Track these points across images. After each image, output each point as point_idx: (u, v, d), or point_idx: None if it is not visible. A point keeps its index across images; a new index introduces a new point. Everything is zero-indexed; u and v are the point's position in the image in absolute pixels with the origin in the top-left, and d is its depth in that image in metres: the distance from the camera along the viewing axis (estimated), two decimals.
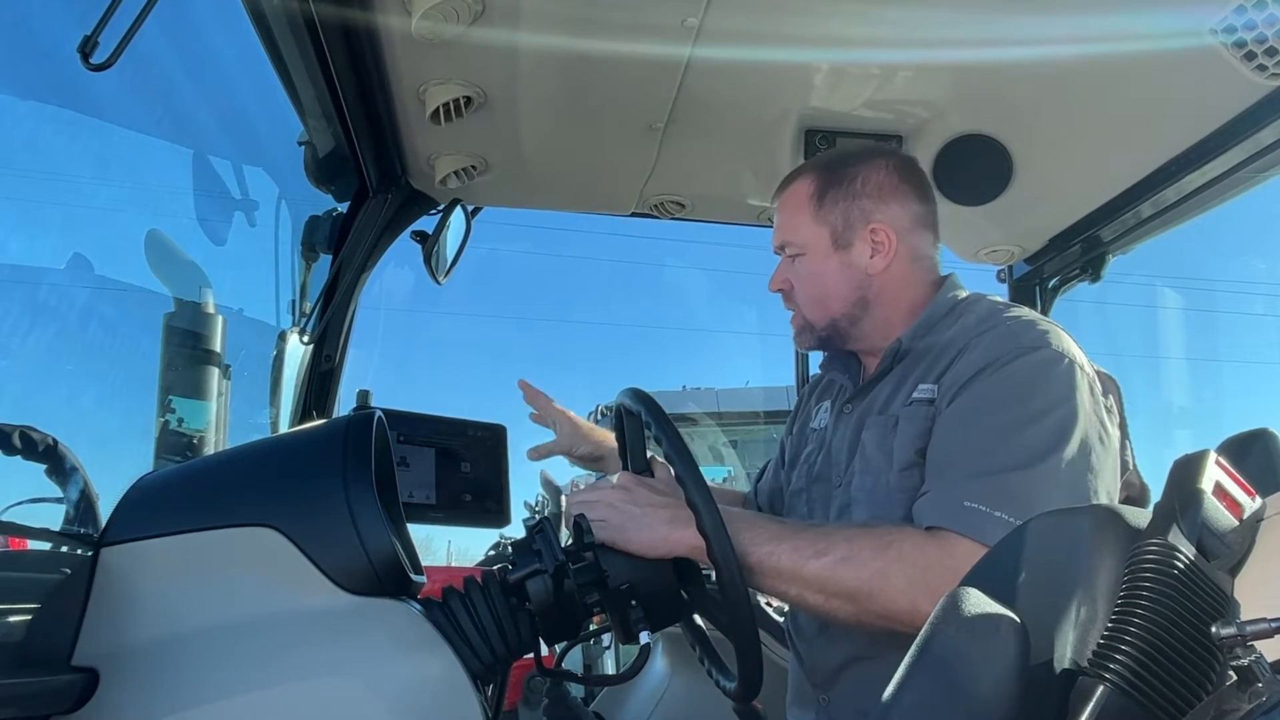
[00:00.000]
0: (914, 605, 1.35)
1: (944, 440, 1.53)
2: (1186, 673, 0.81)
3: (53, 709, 1.05)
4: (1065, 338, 1.58)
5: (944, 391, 1.57)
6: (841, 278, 1.74)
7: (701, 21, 1.80)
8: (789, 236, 1.79)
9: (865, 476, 1.65)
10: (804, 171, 1.81)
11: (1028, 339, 1.55)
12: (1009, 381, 1.51)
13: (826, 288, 1.76)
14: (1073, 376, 1.51)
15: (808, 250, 1.76)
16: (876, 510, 1.61)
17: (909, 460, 1.57)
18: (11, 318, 1.72)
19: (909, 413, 1.60)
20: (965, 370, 1.55)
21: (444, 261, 2.61)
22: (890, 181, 1.75)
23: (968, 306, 1.71)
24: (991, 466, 1.43)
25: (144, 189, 2.27)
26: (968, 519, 1.39)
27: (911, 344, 1.69)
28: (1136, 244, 2.65)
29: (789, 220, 1.79)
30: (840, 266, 1.74)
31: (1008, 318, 1.63)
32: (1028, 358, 1.52)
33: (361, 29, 1.81)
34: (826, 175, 1.77)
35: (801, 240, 1.77)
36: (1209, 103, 2.02)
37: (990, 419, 1.49)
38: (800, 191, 1.78)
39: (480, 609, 1.29)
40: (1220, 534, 0.90)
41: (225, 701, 1.09)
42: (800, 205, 1.77)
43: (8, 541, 1.32)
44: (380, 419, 1.34)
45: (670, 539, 1.36)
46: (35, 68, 1.63)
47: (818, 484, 1.80)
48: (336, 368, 2.50)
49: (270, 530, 1.16)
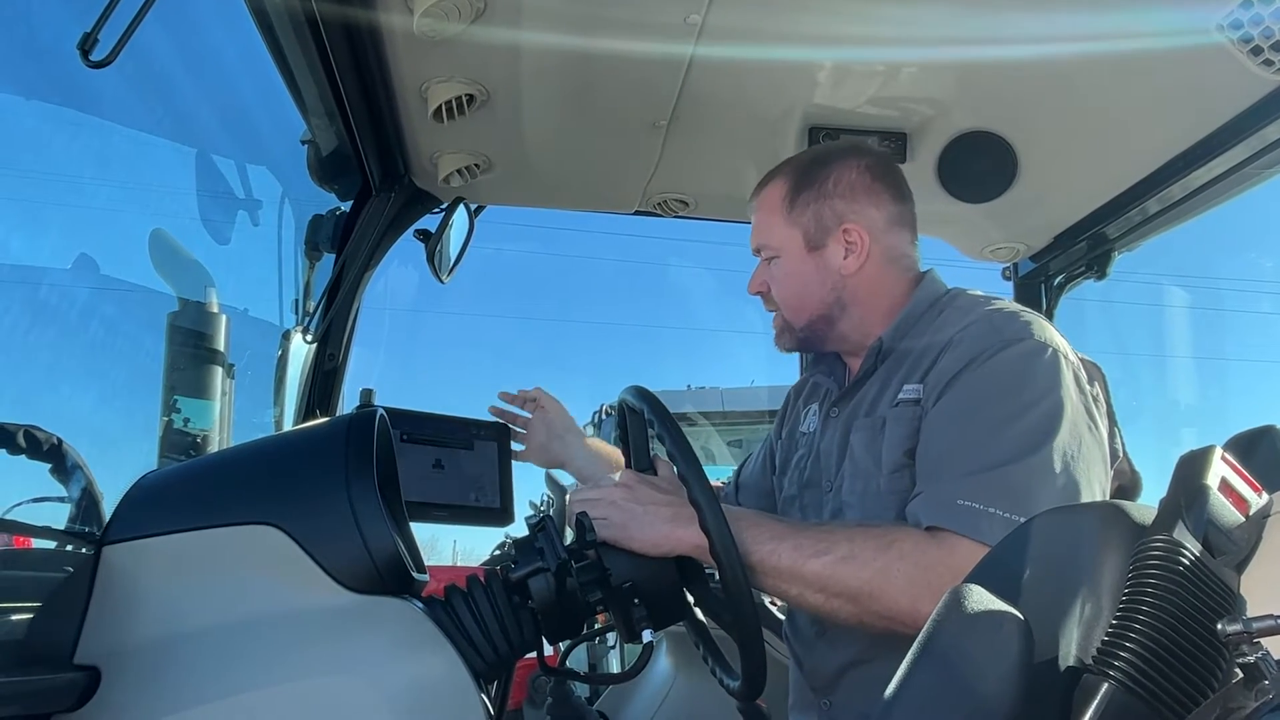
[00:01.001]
0: (915, 605, 1.34)
1: (933, 440, 1.53)
2: (1192, 670, 0.80)
3: (55, 707, 1.05)
4: (1048, 327, 1.58)
5: (929, 390, 1.56)
6: (816, 279, 1.75)
7: (704, 18, 1.80)
8: (764, 239, 1.80)
9: (855, 480, 1.65)
10: (778, 173, 1.82)
11: (1010, 331, 1.54)
12: (994, 376, 1.50)
13: (802, 289, 1.77)
14: (1057, 366, 1.50)
15: (782, 252, 1.77)
16: (868, 514, 1.60)
17: (898, 462, 1.57)
18: (17, 318, 1.72)
19: (896, 414, 1.60)
20: (950, 367, 1.54)
21: (447, 260, 2.60)
22: (863, 181, 1.74)
23: (948, 302, 1.70)
24: (983, 463, 1.43)
25: (147, 188, 2.27)
26: (964, 517, 1.39)
27: (893, 343, 1.69)
28: (1142, 241, 2.63)
29: (764, 222, 1.80)
30: (815, 268, 1.74)
31: (988, 310, 1.62)
32: (1011, 350, 1.51)
33: (363, 26, 1.81)
34: (799, 177, 1.77)
35: (776, 242, 1.78)
36: (1215, 99, 2.01)
37: (978, 415, 1.49)
38: (774, 194, 1.78)
39: (483, 607, 1.29)
40: (1226, 530, 0.89)
41: (227, 700, 1.08)
42: (774, 207, 1.77)
43: (11, 540, 1.32)
44: (383, 417, 1.34)
45: (673, 537, 1.36)
46: (36, 65, 1.63)
47: (809, 489, 1.79)
48: (340, 367, 2.50)
49: (272, 529, 1.16)
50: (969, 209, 2.46)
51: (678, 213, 2.74)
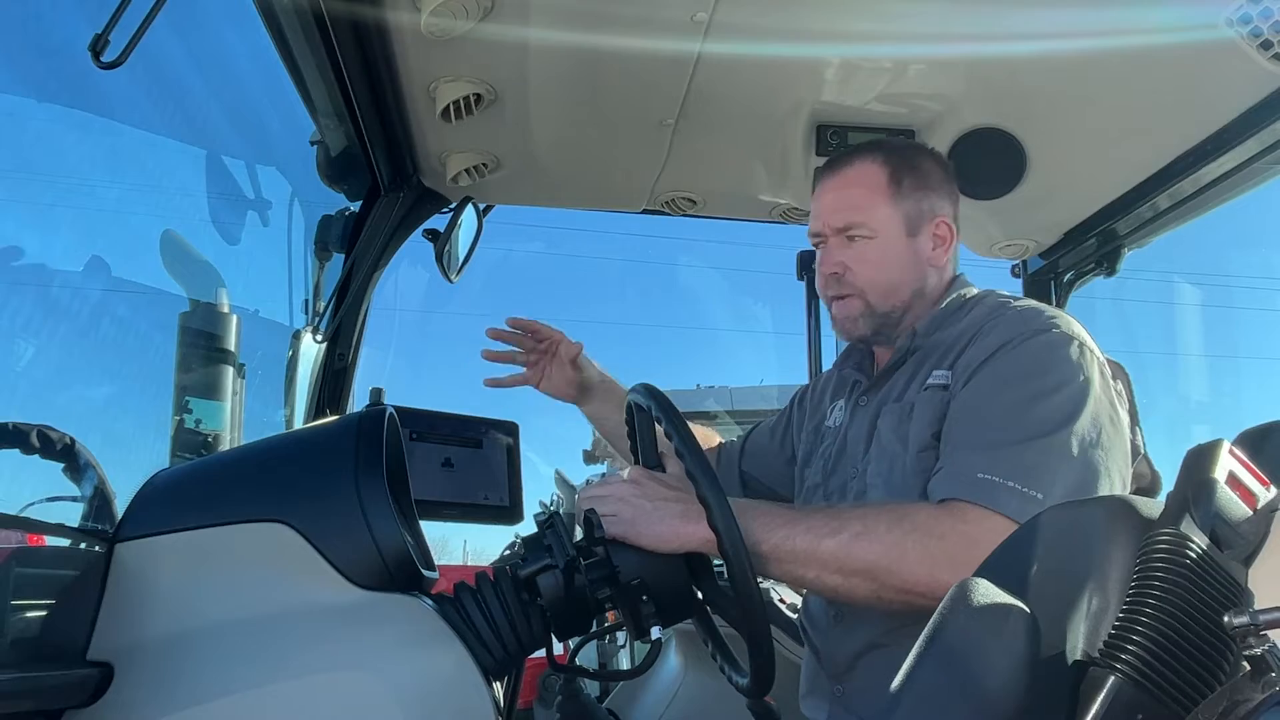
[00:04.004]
0: (933, 575, 1.34)
1: (957, 420, 1.55)
2: (1199, 663, 0.80)
3: (68, 702, 1.06)
4: (1075, 323, 1.61)
5: (958, 375, 1.59)
6: (910, 265, 1.74)
7: (711, 16, 1.80)
8: (861, 217, 1.73)
9: (881, 462, 1.66)
10: (868, 153, 1.77)
11: (1038, 322, 1.58)
12: (1021, 360, 1.53)
13: (898, 274, 1.74)
14: (1083, 357, 1.53)
15: (880, 234, 1.72)
16: (892, 493, 1.61)
17: (925, 443, 1.59)
18: (30, 319, 1.73)
19: (924, 398, 1.62)
20: (978, 354, 1.57)
21: (456, 260, 2.61)
22: (947, 178, 1.78)
23: (977, 301, 1.74)
24: (1004, 439, 1.45)
25: (158, 189, 2.28)
26: (980, 489, 1.40)
27: (924, 338, 1.71)
28: (1152, 238, 2.63)
29: (861, 201, 1.73)
30: (909, 254, 1.74)
31: (1017, 306, 1.66)
32: (1039, 338, 1.54)
33: (372, 27, 1.82)
34: (900, 161, 1.74)
35: (876, 224, 1.72)
36: (1225, 94, 2.00)
37: (1002, 395, 1.51)
38: (872, 173, 1.74)
39: (492, 604, 1.29)
40: (1234, 524, 0.89)
41: (238, 695, 1.09)
42: (876, 187, 1.73)
43: (25, 537, 1.33)
44: (392, 416, 1.35)
45: (682, 533, 1.35)
46: (48, 67, 1.64)
47: (834, 475, 1.80)
48: (350, 366, 2.51)
49: (283, 526, 1.17)
50: (977, 206, 2.46)
51: (685, 211, 2.74)
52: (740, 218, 2.85)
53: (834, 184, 1.77)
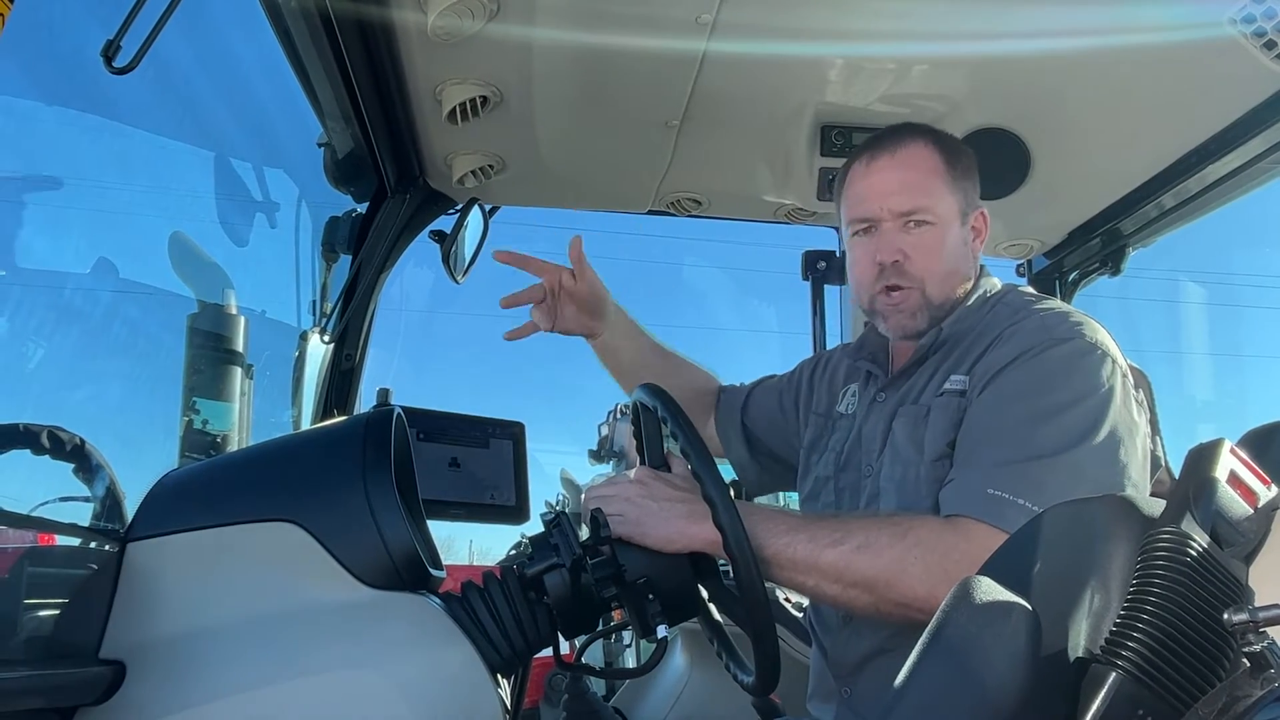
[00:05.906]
0: (932, 593, 1.32)
1: (972, 429, 1.52)
2: (1199, 659, 0.81)
3: (80, 700, 1.07)
4: (1099, 330, 1.56)
5: (975, 382, 1.55)
6: (964, 256, 1.69)
7: (715, 17, 1.80)
8: (927, 201, 1.63)
9: (895, 466, 1.64)
10: (918, 135, 1.68)
11: (1060, 330, 1.53)
12: (1039, 370, 1.49)
13: (959, 263, 1.68)
14: (1104, 368, 1.49)
15: (941, 221, 1.64)
16: (905, 500, 1.59)
17: (940, 451, 1.56)
18: (42, 321, 1.75)
19: (941, 403, 1.59)
20: (997, 360, 1.53)
21: (462, 261, 2.62)
22: (976, 172, 1.74)
23: (999, 298, 1.70)
24: (1017, 455, 1.42)
25: (166, 192, 2.30)
26: (989, 506, 1.38)
27: (948, 335, 1.67)
28: (1157, 237, 2.62)
29: (923, 184, 1.64)
30: (962, 245, 1.69)
31: (1040, 309, 1.61)
32: (1060, 348, 1.50)
33: (378, 29, 1.83)
34: (949, 148, 1.68)
35: (940, 209, 1.64)
36: (1229, 93, 2.00)
37: (1018, 407, 1.47)
38: (928, 156, 1.65)
39: (498, 603, 1.30)
40: (1234, 522, 0.89)
41: (248, 693, 1.10)
42: (935, 171, 1.65)
43: (37, 537, 1.34)
44: (399, 416, 1.36)
45: (687, 533, 1.36)
46: (61, 72, 1.65)
47: (846, 471, 1.78)
48: (357, 367, 2.52)
49: (292, 525, 1.18)
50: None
51: (690, 212, 2.75)
52: (745, 218, 2.85)
53: (888, 164, 1.66)
